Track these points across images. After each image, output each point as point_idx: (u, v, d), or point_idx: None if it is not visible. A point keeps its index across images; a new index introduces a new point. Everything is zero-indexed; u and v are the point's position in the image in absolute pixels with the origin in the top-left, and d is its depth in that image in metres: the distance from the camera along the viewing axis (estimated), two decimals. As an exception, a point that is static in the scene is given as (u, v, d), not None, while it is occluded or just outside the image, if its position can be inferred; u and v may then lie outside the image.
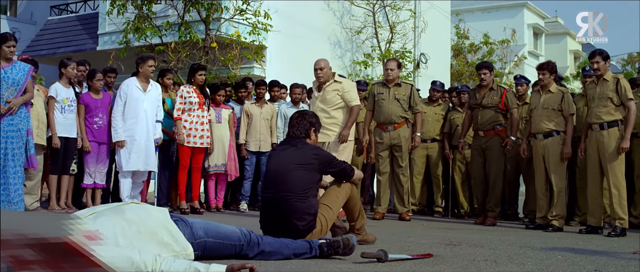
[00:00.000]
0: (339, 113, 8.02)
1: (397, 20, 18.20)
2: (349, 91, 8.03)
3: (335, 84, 8.04)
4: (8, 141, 7.27)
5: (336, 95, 7.98)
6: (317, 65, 8.07)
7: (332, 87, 8.02)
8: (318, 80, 8.10)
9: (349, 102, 8.00)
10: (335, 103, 7.99)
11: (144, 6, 13.30)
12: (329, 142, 7.91)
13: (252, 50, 13.83)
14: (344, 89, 8.00)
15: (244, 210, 9.52)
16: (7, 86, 7.26)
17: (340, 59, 18.45)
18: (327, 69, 8.06)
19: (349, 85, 8.14)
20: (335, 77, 8.08)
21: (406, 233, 6.84)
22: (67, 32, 17.88)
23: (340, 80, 8.08)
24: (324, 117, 7.62)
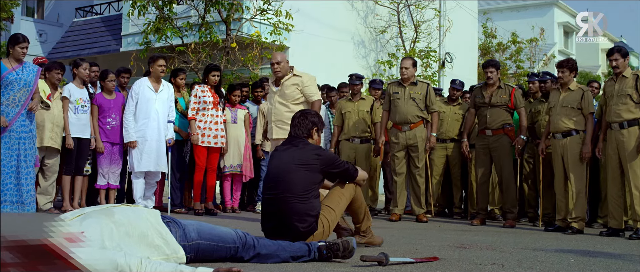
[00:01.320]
0: (299, 108, 7.31)
1: (421, 20, 18.01)
2: (309, 86, 7.54)
3: (295, 78, 7.58)
4: (21, 142, 7.27)
5: (296, 90, 7.53)
6: (273, 59, 7.66)
7: (291, 82, 7.57)
8: (275, 74, 7.67)
9: (309, 98, 7.53)
10: (295, 98, 7.53)
11: (164, 7, 13.30)
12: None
13: (272, 51, 13.72)
14: (303, 83, 7.53)
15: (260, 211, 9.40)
16: (20, 87, 7.26)
17: (364, 58, 18.32)
18: (284, 63, 7.64)
19: (309, 79, 7.63)
20: (294, 71, 7.66)
21: (418, 235, 6.68)
22: (91, 34, 18.00)
23: (300, 74, 7.63)
24: (284, 111, 7.42)
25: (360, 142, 9.43)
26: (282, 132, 7.31)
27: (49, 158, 7.97)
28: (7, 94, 7.23)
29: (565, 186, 7.70)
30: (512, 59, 23.60)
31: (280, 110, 7.49)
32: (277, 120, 7.53)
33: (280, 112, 7.50)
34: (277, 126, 7.53)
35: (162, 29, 13.12)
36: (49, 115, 7.86)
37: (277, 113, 7.54)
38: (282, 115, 7.46)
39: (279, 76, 7.63)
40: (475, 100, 8.66)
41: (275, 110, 7.56)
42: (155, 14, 13.56)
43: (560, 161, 7.68)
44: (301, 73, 7.65)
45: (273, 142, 7.58)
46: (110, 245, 3.61)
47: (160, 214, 4.00)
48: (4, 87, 7.24)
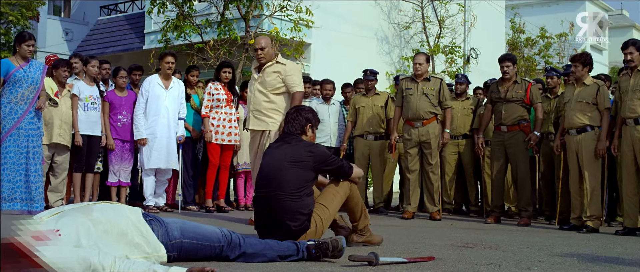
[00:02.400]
0: (280, 99, 6.96)
1: (446, 15, 17.79)
2: (292, 75, 6.94)
3: (277, 65, 7.00)
4: (29, 140, 7.29)
5: (277, 78, 6.93)
6: (257, 44, 7.05)
7: (272, 69, 6.97)
8: (258, 61, 7.06)
9: (291, 88, 6.92)
10: (276, 86, 6.93)
11: (184, 4, 13.29)
12: (269, 132, 6.91)
13: (291, 47, 13.64)
14: (286, 71, 6.95)
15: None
16: (27, 85, 7.29)
17: (388, 55, 18.17)
18: (268, 48, 7.03)
19: (293, 68, 7.07)
20: (279, 58, 7.08)
21: (425, 234, 6.54)
22: (115, 32, 18.12)
23: (284, 62, 7.07)
24: (263, 101, 6.93)
25: (374, 138, 9.30)
26: (259, 122, 6.96)
27: (59, 155, 7.98)
28: (15, 92, 7.26)
29: (580, 184, 7.49)
30: (541, 54, 23.21)
31: (259, 99, 6.96)
32: (254, 110, 7.02)
33: (258, 101, 6.97)
34: (254, 117, 7.02)
35: (181, 26, 13.12)
36: (57, 112, 7.87)
37: (256, 102, 7.01)
38: (260, 105, 6.96)
39: (262, 63, 7.06)
40: (492, 96, 8.48)
41: (254, 98, 7.03)
42: (175, 12, 13.57)
43: (575, 157, 7.49)
44: (285, 61, 7.13)
45: (252, 135, 7.10)
46: (86, 243, 3.56)
47: (141, 212, 3.93)
48: (11, 85, 7.27)
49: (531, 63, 22.87)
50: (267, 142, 6.79)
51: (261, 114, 6.93)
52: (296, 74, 7.04)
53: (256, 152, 6.97)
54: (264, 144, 6.83)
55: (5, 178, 7.21)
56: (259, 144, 6.98)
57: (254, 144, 7.08)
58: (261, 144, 6.91)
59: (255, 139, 7.03)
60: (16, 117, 7.23)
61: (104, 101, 8.38)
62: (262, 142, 6.89)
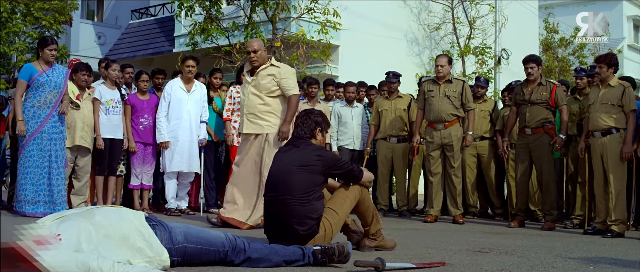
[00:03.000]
0: (275, 101, 6.88)
1: (476, 15, 17.61)
2: (286, 78, 6.86)
3: (272, 68, 6.90)
4: (52, 143, 7.39)
5: (272, 81, 6.83)
6: (250, 46, 6.97)
7: (266, 72, 6.87)
8: (251, 63, 6.97)
9: (286, 91, 6.85)
10: (271, 90, 6.84)
11: (211, 8, 13.36)
12: (267, 135, 6.82)
13: (318, 49, 13.61)
14: (281, 74, 6.85)
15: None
16: (50, 89, 7.39)
17: (417, 56, 18.06)
18: (261, 51, 6.94)
19: (287, 71, 6.96)
20: (272, 61, 6.99)
21: (442, 238, 6.45)
22: (146, 35, 18.29)
23: (278, 65, 6.98)
24: (258, 104, 6.82)
25: (397, 141, 9.24)
26: (254, 126, 6.85)
27: (81, 158, 8.05)
28: (38, 96, 7.36)
29: (605, 187, 7.33)
30: (575, 54, 22.84)
31: (253, 102, 6.86)
32: (249, 113, 6.90)
33: (252, 104, 6.87)
34: (248, 120, 6.91)
35: (208, 29, 13.19)
36: (80, 115, 7.94)
37: (250, 105, 6.89)
38: (254, 108, 6.86)
39: (255, 66, 6.97)
40: (516, 98, 8.36)
41: (248, 102, 6.91)
42: (203, 15, 13.65)
43: (600, 160, 7.33)
44: (279, 64, 7.05)
45: (244, 138, 6.99)
46: (87, 248, 3.57)
47: (145, 216, 3.93)
48: (35, 89, 7.38)
49: (565, 64, 22.53)
50: (265, 146, 6.79)
51: (256, 117, 6.84)
52: (291, 77, 6.96)
53: (246, 155, 6.89)
54: (262, 148, 6.81)
55: (29, 181, 7.32)
56: (250, 146, 6.88)
57: (245, 146, 6.94)
58: (253, 148, 6.86)
59: (247, 142, 6.92)
60: (39, 121, 7.33)
61: (126, 104, 8.44)
62: (261, 146, 6.83)
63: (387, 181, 9.46)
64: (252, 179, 6.80)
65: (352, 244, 5.19)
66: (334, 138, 9.56)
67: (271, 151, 6.58)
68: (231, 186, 6.94)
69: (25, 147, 7.33)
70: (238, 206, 6.78)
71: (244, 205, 6.77)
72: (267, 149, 6.74)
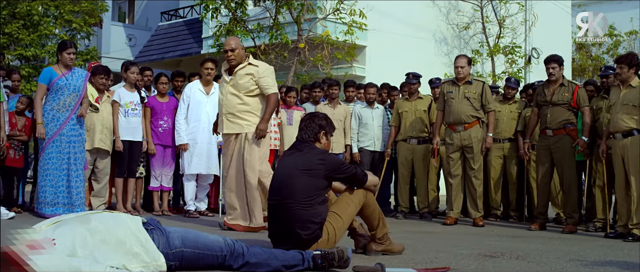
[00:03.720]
0: (254, 101, 6.76)
1: (506, 14, 17.40)
2: (265, 77, 6.73)
3: (250, 67, 6.77)
4: (71, 146, 7.47)
5: (250, 81, 6.71)
6: (227, 45, 6.86)
7: (245, 71, 6.75)
8: (229, 62, 6.85)
9: (265, 90, 6.72)
10: (250, 89, 6.73)
11: (237, 9, 13.40)
12: (246, 133, 6.71)
13: (343, 50, 13.55)
14: (259, 73, 6.73)
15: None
16: (69, 92, 7.47)
17: (446, 56, 17.89)
18: (239, 49, 6.82)
19: (265, 70, 6.81)
20: (250, 59, 6.86)
21: (456, 242, 6.37)
22: (175, 37, 18.43)
23: (256, 63, 6.85)
24: (237, 103, 6.72)
25: (418, 142, 9.16)
26: (233, 126, 6.74)
27: (100, 160, 8.14)
28: (58, 99, 7.44)
29: (627, 190, 7.17)
30: (609, 52, 22.45)
31: (232, 102, 6.74)
32: (227, 113, 6.79)
33: (231, 104, 6.75)
34: (227, 120, 6.80)
35: (232, 31, 13.23)
36: (99, 117, 8.03)
37: (229, 105, 6.77)
38: (233, 108, 6.74)
39: (232, 65, 6.85)
40: (537, 99, 8.22)
41: (227, 101, 6.78)
42: (228, 17, 13.70)
43: (621, 162, 7.16)
44: (258, 62, 6.92)
45: (226, 140, 6.90)
46: (82, 253, 3.60)
47: (143, 221, 3.95)
48: (54, 92, 7.46)
49: (599, 62, 22.15)
50: (245, 144, 6.69)
51: (235, 117, 6.73)
52: (270, 76, 6.83)
53: (231, 157, 6.82)
54: (242, 147, 6.71)
55: (48, 183, 7.41)
56: (233, 148, 6.79)
57: (228, 148, 6.86)
58: (235, 148, 6.77)
59: (229, 143, 6.84)
60: (58, 124, 7.41)
61: (145, 107, 8.50)
62: (240, 145, 6.74)
63: (408, 183, 9.37)
64: (241, 181, 6.73)
65: (359, 248, 5.18)
66: (355, 139, 9.52)
67: (252, 148, 6.65)
68: (228, 192, 6.89)
69: (45, 149, 7.43)
70: (238, 211, 6.75)
71: (242, 209, 6.73)
72: (247, 147, 6.66)
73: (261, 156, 6.79)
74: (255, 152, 6.70)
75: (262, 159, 6.83)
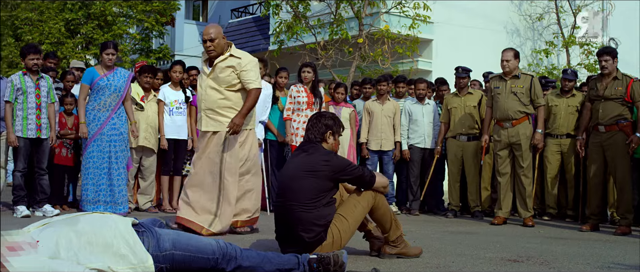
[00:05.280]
0: (236, 96, 6.19)
1: (581, 4, 16.74)
2: (248, 70, 6.12)
3: (232, 59, 6.15)
4: (111, 144, 7.61)
5: (232, 74, 6.13)
6: (206, 35, 6.17)
7: (225, 63, 6.14)
8: (208, 54, 6.21)
9: (247, 84, 6.12)
10: (231, 83, 6.15)
11: (299, 5, 13.40)
12: (227, 132, 6.14)
13: (405, 45, 13.32)
14: (241, 65, 6.11)
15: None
16: (110, 92, 7.61)
17: (519, 48, 17.26)
18: (219, 39, 6.15)
19: (249, 62, 6.19)
20: (232, 50, 6.22)
21: (486, 244, 6.10)
22: (243, 34, 18.60)
23: (239, 55, 6.19)
24: (217, 99, 6.14)
25: (467, 139, 8.90)
26: (213, 123, 6.18)
27: (146, 158, 8.27)
28: (99, 99, 7.60)
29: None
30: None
31: (212, 97, 6.17)
32: (207, 109, 6.21)
33: (211, 99, 6.18)
34: (207, 116, 6.22)
35: (293, 27, 13.23)
36: (144, 116, 8.16)
37: (208, 100, 6.20)
38: (213, 103, 6.18)
39: (212, 56, 6.22)
40: (590, 93, 7.84)
41: (206, 96, 6.22)
42: (291, 13, 13.72)
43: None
44: (241, 54, 6.25)
45: (202, 135, 6.34)
46: (65, 255, 3.62)
47: (134, 223, 3.94)
48: (95, 92, 7.62)
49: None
50: (225, 143, 6.17)
51: (215, 113, 6.17)
52: (253, 69, 6.22)
53: (205, 155, 6.25)
54: (222, 145, 6.17)
55: (90, 182, 7.58)
56: (207, 145, 6.23)
57: (201, 145, 6.31)
58: (212, 146, 6.21)
59: (203, 140, 6.28)
60: (99, 123, 7.56)
61: (191, 105, 8.56)
62: (220, 144, 6.18)
63: (458, 181, 9.12)
64: (210, 180, 6.20)
65: (374, 250, 5.05)
66: (404, 136, 9.33)
67: (233, 148, 6.16)
68: (188, 188, 6.33)
69: (87, 148, 7.60)
70: (195, 209, 6.19)
71: (203, 209, 6.17)
72: (228, 147, 6.15)
73: (243, 157, 6.26)
74: (236, 153, 6.19)
75: (244, 159, 6.28)
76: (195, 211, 6.18)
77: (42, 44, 16.04)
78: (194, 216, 6.16)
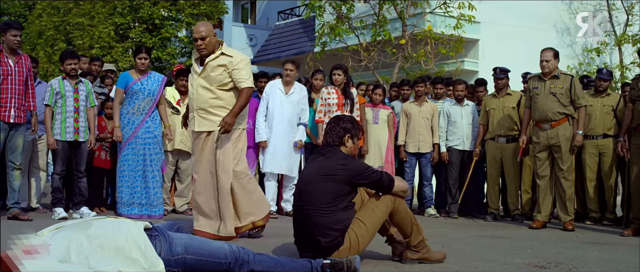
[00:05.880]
0: (229, 95, 6.01)
1: (634, 1, 16.28)
2: (239, 69, 5.93)
3: (223, 57, 5.96)
4: (146, 147, 7.71)
5: (223, 73, 5.94)
6: (196, 33, 5.95)
7: (217, 62, 5.94)
8: (199, 52, 6.01)
9: (238, 83, 5.92)
10: (223, 82, 5.96)
11: (343, 6, 13.36)
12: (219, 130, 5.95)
13: (448, 45, 13.15)
14: (232, 64, 5.91)
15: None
16: (144, 96, 7.71)
17: (569, 47, 17.04)
18: (210, 37, 5.96)
19: (240, 61, 5.99)
20: (223, 48, 6.02)
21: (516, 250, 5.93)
22: (290, 36, 18.64)
23: (231, 53, 6.01)
24: (209, 98, 5.95)
25: (506, 141, 8.72)
26: (206, 123, 5.98)
27: (182, 161, 8.35)
28: (133, 103, 7.70)
29: None
30: None
31: (204, 97, 5.97)
32: (199, 109, 6.01)
33: (203, 99, 5.97)
34: (199, 116, 6.02)
35: (335, 29, 13.20)
36: (179, 119, 8.20)
37: (200, 100, 5.99)
38: (205, 103, 5.97)
39: (203, 54, 6.01)
40: (631, 93, 7.60)
41: (198, 96, 6.01)
42: (333, 15, 13.69)
43: None
44: (232, 52, 6.08)
45: (194, 135, 6.17)
46: (76, 258, 3.65)
47: (147, 227, 3.96)
48: (129, 96, 7.73)
49: None
50: (219, 143, 5.99)
51: (207, 112, 5.99)
52: (245, 68, 6.02)
53: (201, 157, 6.10)
54: (215, 145, 6.00)
55: (125, 184, 7.69)
56: (203, 146, 6.07)
57: (196, 146, 6.15)
58: (207, 147, 6.05)
59: (199, 142, 6.11)
60: (133, 127, 7.67)
61: (227, 108, 8.59)
62: (212, 145, 6.03)
63: (497, 183, 8.95)
64: (210, 183, 6.08)
65: (396, 255, 4.98)
66: (443, 138, 9.21)
67: (225, 148, 5.98)
68: (196, 196, 6.23)
69: (122, 152, 7.71)
70: (206, 216, 6.11)
71: (210, 214, 6.08)
72: (221, 146, 5.98)
73: (236, 155, 6.07)
74: (230, 151, 5.98)
75: (238, 158, 6.10)
76: (209, 217, 6.08)
77: (92, 49, 16.37)
78: (207, 224, 6.07)
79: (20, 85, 7.20)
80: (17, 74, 7.16)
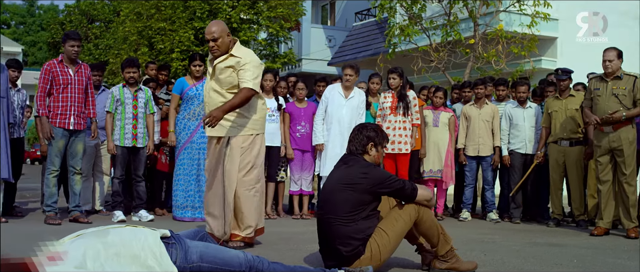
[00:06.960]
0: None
1: None
2: (245, 70, 5.62)
3: (231, 58, 5.69)
4: (201, 152, 7.88)
5: (232, 74, 5.68)
6: (208, 34, 5.69)
7: (225, 63, 5.70)
8: (212, 54, 5.78)
9: (241, 83, 5.62)
10: (233, 84, 5.70)
11: (413, 6, 13.24)
12: (229, 139, 5.79)
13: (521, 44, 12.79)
14: (239, 65, 5.63)
15: (465, 219, 8.92)
16: (199, 102, 7.87)
17: (655, 44, 16.23)
18: (223, 38, 5.67)
19: (248, 61, 5.67)
20: (234, 49, 5.76)
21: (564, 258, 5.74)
22: (366, 37, 18.59)
23: (240, 54, 5.73)
24: (219, 101, 5.69)
25: (570, 144, 8.42)
26: (217, 128, 5.71)
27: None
28: (188, 109, 7.88)
29: None
30: None
31: (215, 100, 5.75)
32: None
33: (214, 103, 5.75)
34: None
35: (405, 30, 13.09)
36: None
37: (211, 104, 5.79)
38: (216, 107, 5.66)
39: (216, 56, 5.77)
40: None
41: (209, 100, 5.84)
42: (405, 15, 13.59)
43: None
44: (242, 52, 5.78)
45: (209, 141, 6.03)
46: (92, 265, 3.78)
47: (165, 235, 4.04)
48: (185, 102, 7.91)
49: None
50: (227, 151, 5.80)
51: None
52: (251, 69, 5.65)
53: (214, 161, 5.94)
54: (225, 153, 5.82)
55: (180, 188, 7.89)
56: (215, 151, 5.92)
57: (209, 149, 6.02)
58: (217, 153, 5.89)
59: (211, 146, 5.97)
60: (189, 132, 7.85)
61: (284, 112, 8.69)
62: (222, 151, 5.86)
63: (560, 188, 8.65)
64: (219, 188, 5.91)
65: (425, 264, 4.91)
66: (505, 141, 8.99)
67: (232, 157, 5.75)
68: (207, 201, 6.11)
69: (178, 156, 7.91)
70: (212, 216, 6.00)
71: (216, 213, 5.95)
72: (229, 155, 5.78)
73: (247, 164, 5.77)
74: (236, 161, 5.73)
75: (249, 167, 5.79)
76: (215, 216, 5.98)
77: (173, 53, 16.79)
78: (214, 224, 5.98)
79: (80, 93, 7.48)
80: (76, 82, 7.45)
